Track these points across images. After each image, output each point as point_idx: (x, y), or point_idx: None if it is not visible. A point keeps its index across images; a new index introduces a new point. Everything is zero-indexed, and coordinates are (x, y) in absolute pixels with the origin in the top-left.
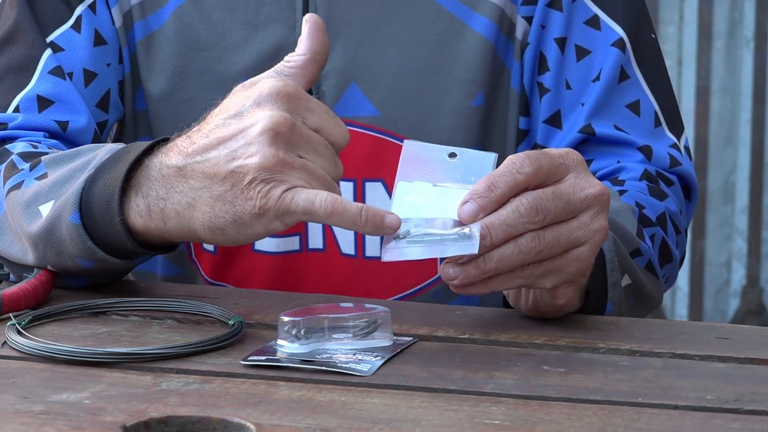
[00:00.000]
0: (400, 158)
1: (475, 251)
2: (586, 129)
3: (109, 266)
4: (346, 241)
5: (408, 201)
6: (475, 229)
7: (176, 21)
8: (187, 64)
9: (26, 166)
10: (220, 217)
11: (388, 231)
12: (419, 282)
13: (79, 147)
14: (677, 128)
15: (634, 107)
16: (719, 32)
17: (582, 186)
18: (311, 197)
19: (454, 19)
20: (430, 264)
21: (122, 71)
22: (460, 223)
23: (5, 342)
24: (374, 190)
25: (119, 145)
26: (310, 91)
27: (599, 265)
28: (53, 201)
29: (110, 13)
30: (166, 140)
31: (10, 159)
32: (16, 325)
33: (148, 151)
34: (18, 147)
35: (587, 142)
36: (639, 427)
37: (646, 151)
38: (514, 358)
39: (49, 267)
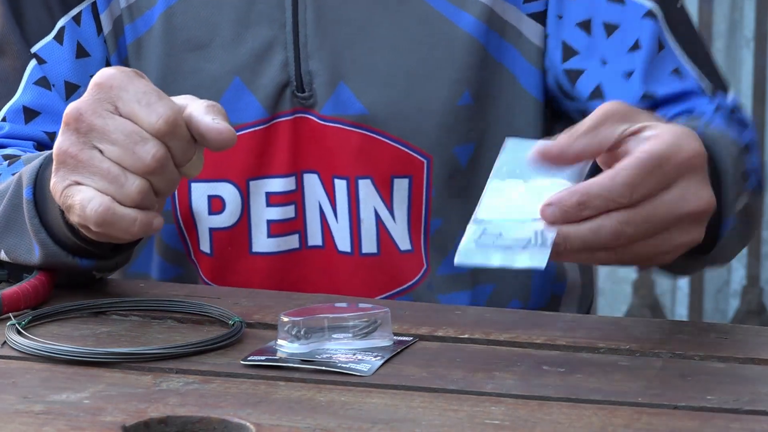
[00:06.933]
0: (499, 156)
1: (542, 267)
2: (647, 95)
3: (52, 256)
4: (341, 238)
5: (496, 200)
6: (550, 237)
7: (165, 22)
8: (178, 64)
9: (5, 163)
10: None
11: (156, 230)
12: (412, 277)
13: None
14: (723, 88)
15: (678, 74)
16: (719, 32)
17: (681, 205)
18: (84, 202)
19: (442, 18)
20: (420, 258)
21: None
22: (539, 220)
23: (5, 342)
24: (366, 187)
25: None
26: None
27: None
28: None
29: (97, 22)
30: None
31: None
32: (16, 325)
33: None
34: (6, 150)
35: (653, 110)
36: (639, 427)
37: (711, 93)
38: (514, 358)
39: (11, 258)
